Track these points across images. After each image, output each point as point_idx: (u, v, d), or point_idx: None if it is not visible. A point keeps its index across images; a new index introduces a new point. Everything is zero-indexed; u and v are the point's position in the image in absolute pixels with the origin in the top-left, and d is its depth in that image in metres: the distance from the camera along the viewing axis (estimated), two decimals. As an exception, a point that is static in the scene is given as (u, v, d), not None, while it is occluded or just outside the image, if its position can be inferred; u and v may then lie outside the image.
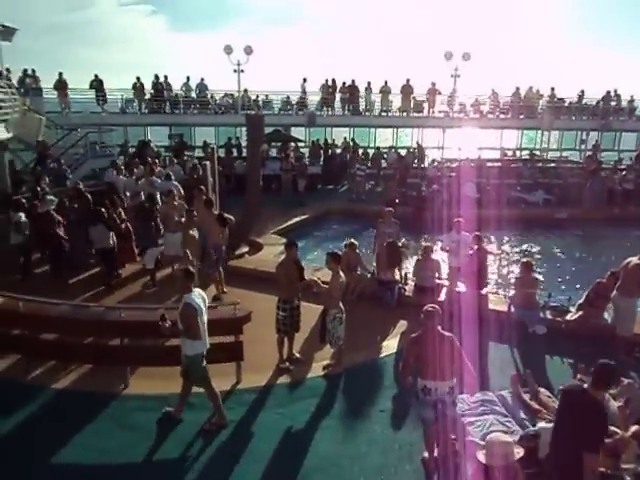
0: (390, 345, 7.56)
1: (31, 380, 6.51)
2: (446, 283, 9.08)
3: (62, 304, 6.86)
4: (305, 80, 23.23)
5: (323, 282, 6.85)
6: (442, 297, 8.67)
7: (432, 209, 13.39)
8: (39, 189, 11.15)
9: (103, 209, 9.55)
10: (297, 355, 7.12)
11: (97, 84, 21.20)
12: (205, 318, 5.53)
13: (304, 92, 23.30)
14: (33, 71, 20.47)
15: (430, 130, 24.59)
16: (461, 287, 8.87)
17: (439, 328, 4.84)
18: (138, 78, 21.80)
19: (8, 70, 13.99)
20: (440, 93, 23.71)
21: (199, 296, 5.55)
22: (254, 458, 5.20)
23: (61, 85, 20.52)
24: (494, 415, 5.24)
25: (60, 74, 20.59)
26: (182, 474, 4.98)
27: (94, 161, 17.77)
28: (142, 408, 5.96)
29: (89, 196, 10.56)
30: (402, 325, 8.15)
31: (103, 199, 10.12)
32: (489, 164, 19.30)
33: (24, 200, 10.21)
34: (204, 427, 5.64)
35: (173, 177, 12.90)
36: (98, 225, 9.23)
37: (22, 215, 9.69)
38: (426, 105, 23.64)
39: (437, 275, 9.01)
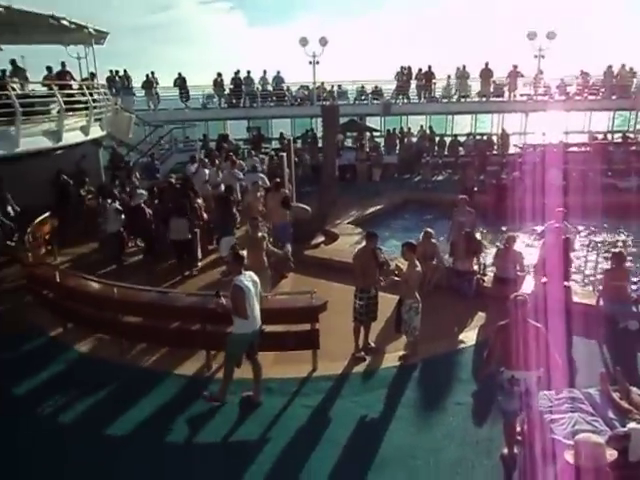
0: (468, 337, 7.39)
1: (123, 360, 7.01)
2: (528, 275, 8.70)
3: (150, 290, 7.35)
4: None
5: (399, 272, 6.83)
6: (524, 289, 8.32)
7: (513, 197, 12.84)
8: (129, 182, 11.99)
9: (186, 202, 10.02)
10: (372, 344, 7.14)
11: (180, 82, 22.15)
12: (255, 300, 5.76)
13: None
14: (125, 72, 21.72)
15: (511, 115, 23.45)
16: (545, 279, 8.47)
17: (527, 318, 4.70)
18: (219, 74, 22.53)
19: (93, 74, 14.92)
20: (522, 76, 22.56)
21: (249, 279, 5.78)
22: (330, 444, 5.29)
23: (148, 84, 21.67)
24: (580, 413, 4.98)
25: (148, 74, 21.69)
26: (261, 456, 5.16)
27: (179, 155, 18.74)
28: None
29: (178, 188, 11.12)
30: (480, 317, 7.94)
31: (184, 191, 10.63)
32: (576, 149, 18.17)
33: (116, 192, 11.01)
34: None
35: (259, 168, 13.35)
36: (181, 218, 9.70)
37: (117, 205, 10.46)
38: (507, 89, 22.60)
39: (518, 267, 8.65)
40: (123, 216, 10.44)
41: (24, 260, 8.75)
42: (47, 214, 10.95)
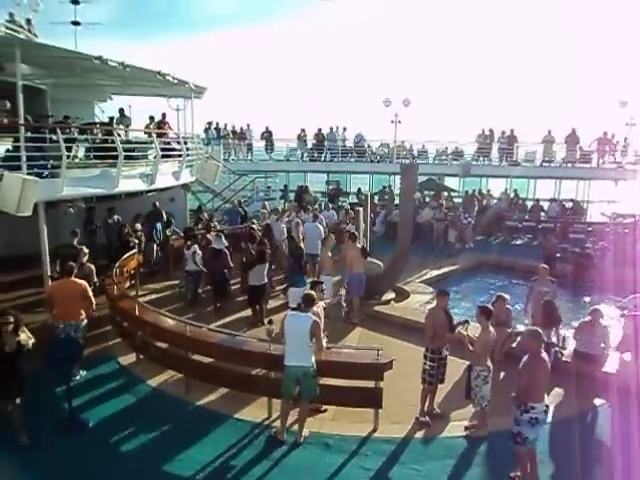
0: (542, 414, 6.89)
1: (188, 397, 7.19)
2: (614, 352, 8.08)
3: (221, 332, 7.56)
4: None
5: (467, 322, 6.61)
6: (609, 368, 7.73)
7: (598, 268, 12.15)
8: (211, 226, 12.63)
9: (266, 249, 10.35)
10: (438, 410, 6.85)
11: (267, 135, 23.45)
12: (296, 337, 5.96)
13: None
14: (217, 124, 23.33)
15: (598, 182, 22.52)
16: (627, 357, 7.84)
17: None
18: (302, 129, 23.65)
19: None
20: (612, 142, 21.77)
21: (297, 314, 6.16)
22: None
23: (241, 135, 23.11)
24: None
25: (242, 127, 23.23)
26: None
27: (259, 203, 19.51)
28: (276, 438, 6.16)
29: (259, 237, 11.52)
30: (557, 394, 7.40)
31: (262, 239, 10.97)
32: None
33: (199, 235, 11.63)
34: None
35: (324, 221, 13.65)
36: (263, 264, 9.99)
37: (197, 248, 11.00)
38: (595, 155, 21.83)
39: (603, 343, 8.06)
40: (201, 258, 10.92)
41: (110, 292, 9.33)
42: (134, 251, 11.72)
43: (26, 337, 6.11)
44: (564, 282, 11.80)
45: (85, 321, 7.79)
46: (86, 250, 9.63)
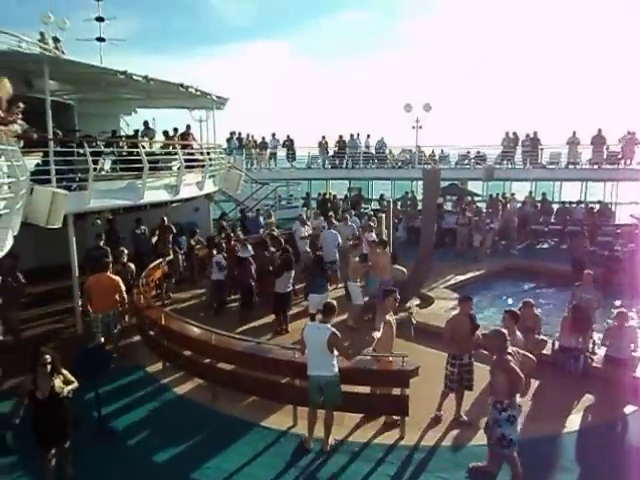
0: (572, 421, 6.75)
1: (214, 405, 7.24)
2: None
3: (246, 340, 7.61)
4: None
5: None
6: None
7: (628, 271, 11.86)
8: (232, 235, 12.76)
9: (291, 256, 10.41)
10: (465, 418, 6.75)
11: (289, 143, 23.60)
12: (314, 348, 5.98)
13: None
14: (239, 134, 23.58)
15: (627, 183, 21.98)
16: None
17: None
18: (323, 137, 23.74)
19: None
20: (638, 143, 21.22)
21: (315, 326, 6.20)
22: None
23: (263, 145, 23.32)
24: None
25: (264, 136, 23.55)
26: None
27: (281, 212, 19.64)
28: (303, 447, 6.19)
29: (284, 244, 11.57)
30: (587, 400, 7.25)
31: (286, 247, 11.02)
32: None
33: (223, 243, 11.77)
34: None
35: (355, 226, 13.77)
36: (289, 271, 10.04)
37: (221, 257, 11.12)
38: (622, 156, 21.30)
39: (633, 346, 7.86)
40: (225, 266, 11.02)
41: (136, 302, 9.49)
42: (160, 260, 11.91)
43: (61, 383, 5.25)
44: (594, 286, 11.55)
45: (118, 311, 8.68)
46: (126, 250, 10.55)
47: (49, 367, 5.14)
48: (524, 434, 6.28)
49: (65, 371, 5.39)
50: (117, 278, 8.78)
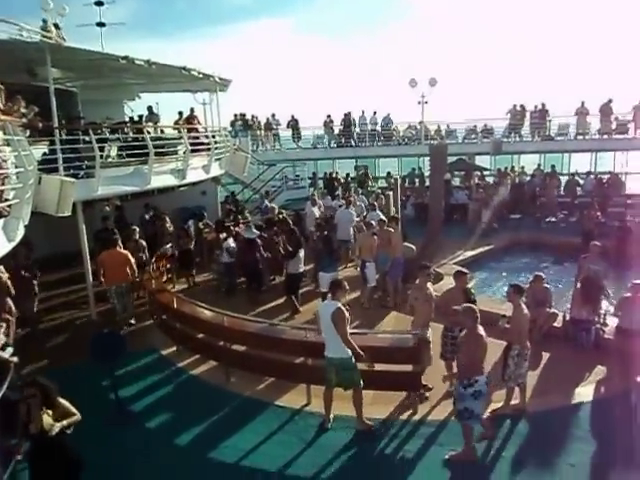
0: (584, 392, 6.79)
1: (228, 386, 7.36)
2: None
3: (258, 321, 7.69)
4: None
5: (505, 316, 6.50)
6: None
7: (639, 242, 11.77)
8: (240, 218, 12.83)
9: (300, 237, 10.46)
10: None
11: (294, 123, 23.40)
12: (325, 326, 5.95)
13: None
14: (243, 115, 23.37)
15: (638, 153, 21.61)
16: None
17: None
18: (328, 115, 23.49)
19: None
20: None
21: (325, 305, 6.24)
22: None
23: (267, 126, 23.15)
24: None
25: (268, 117, 23.32)
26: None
27: (288, 192, 19.62)
28: (322, 426, 6.27)
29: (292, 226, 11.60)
30: (599, 371, 7.28)
31: (292, 229, 11.05)
32: None
33: (231, 226, 11.84)
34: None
35: (362, 205, 13.74)
36: (299, 252, 10.08)
37: (231, 240, 11.19)
38: (631, 125, 20.94)
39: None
40: (235, 249, 11.09)
41: (148, 287, 9.59)
42: (168, 245, 11.96)
43: (50, 420, 4.33)
44: (605, 258, 11.48)
45: (129, 283, 9.50)
46: (137, 228, 11.38)
47: (38, 400, 4.30)
48: (537, 406, 6.38)
49: (64, 401, 4.52)
50: (126, 252, 9.59)
